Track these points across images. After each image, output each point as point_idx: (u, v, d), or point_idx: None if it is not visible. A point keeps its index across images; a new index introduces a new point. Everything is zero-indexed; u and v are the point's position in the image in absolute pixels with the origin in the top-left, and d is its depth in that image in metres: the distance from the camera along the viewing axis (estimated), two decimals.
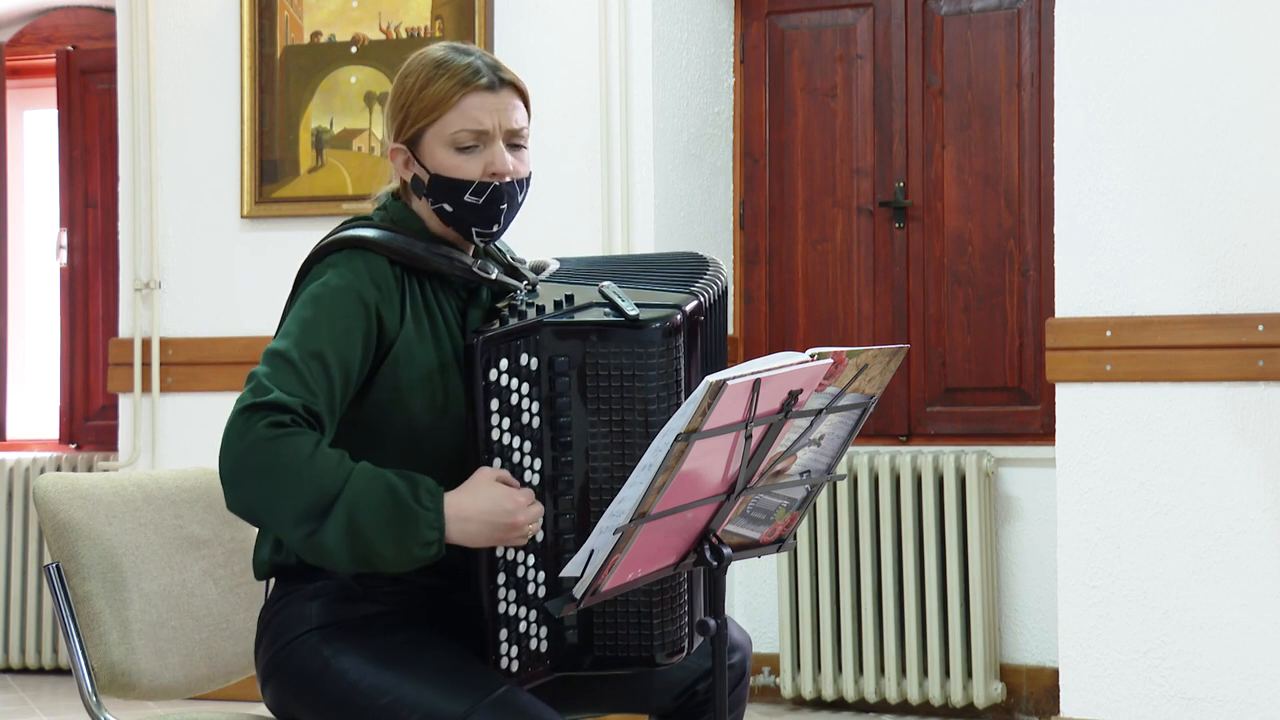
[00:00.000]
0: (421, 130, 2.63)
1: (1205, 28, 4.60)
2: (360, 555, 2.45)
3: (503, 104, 2.64)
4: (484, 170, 2.63)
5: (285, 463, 2.42)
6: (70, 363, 6.68)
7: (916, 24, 5.67)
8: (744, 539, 2.57)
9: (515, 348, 2.51)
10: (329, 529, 2.43)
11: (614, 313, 2.53)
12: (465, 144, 2.62)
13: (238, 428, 2.44)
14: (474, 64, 2.64)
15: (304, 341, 2.50)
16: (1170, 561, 4.62)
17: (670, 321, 2.52)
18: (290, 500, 2.43)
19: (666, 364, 2.52)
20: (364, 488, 2.44)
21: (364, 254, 2.59)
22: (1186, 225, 4.62)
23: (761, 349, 5.77)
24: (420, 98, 2.63)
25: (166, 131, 5.93)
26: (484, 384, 2.50)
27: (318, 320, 2.51)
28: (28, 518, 6.46)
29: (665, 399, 2.52)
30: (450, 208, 2.64)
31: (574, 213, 5.47)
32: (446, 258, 2.63)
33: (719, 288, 2.69)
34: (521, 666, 2.57)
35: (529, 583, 2.55)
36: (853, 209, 5.74)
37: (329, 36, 5.75)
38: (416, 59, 2.67)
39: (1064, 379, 4.74)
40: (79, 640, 2.72)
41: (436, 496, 2.48)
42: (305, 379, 2.47)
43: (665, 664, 2.60)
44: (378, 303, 2.55)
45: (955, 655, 5.36)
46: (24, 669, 6.50)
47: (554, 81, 5.53)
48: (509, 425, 2.52)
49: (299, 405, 2.45)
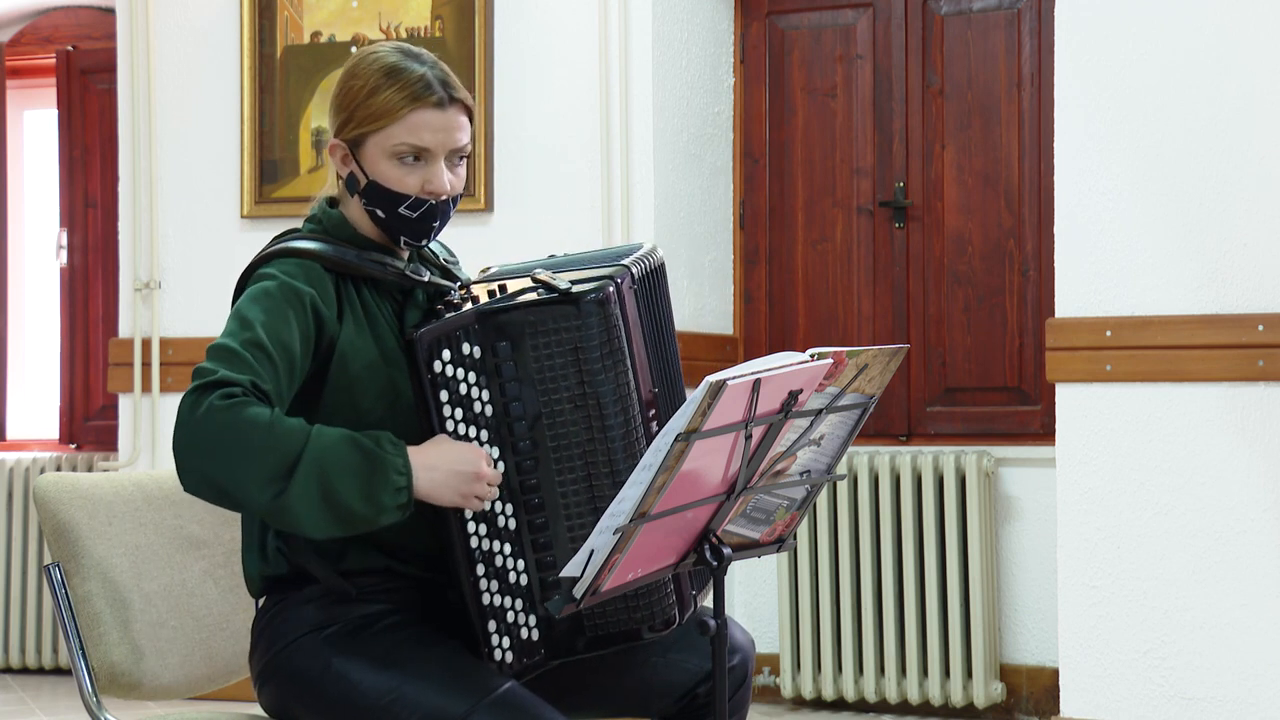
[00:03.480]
0: (364, 135, 2.62)
1: (1205, 28, 4.60)
2: (331, 511, 2.43)
3: (449, 123, 2.62)
4: (422, 186, 2.62)
5: (244, 428, 2.40)
6: (70, 363, 6.68)
7: (916, 24, 5.67)
8: (744, 539, 2.57)
9: (455, 338, 2.52)
10: (295, 488, 2.41)
11: (548, 291, 2.53)
12: (406, 157, 2.61)
13: (189, 405, 2.41)
14: (425, 77, 2.61)
15: (242, 333, 2.49)
16: (1170, 561, 4.62)
17: (604, 292, 2.52)
18: (253, 464, 2.40)
19: (606, 334, 2.52)
20: (327, 443, 2.44)
21: (297, 259, 2.59)
22: (1186, 225, 4.62)
23: (761, 349, 5.77)
24: (367, 104, 2.60)
25: (166, 131, 5.93)
26: (430, 377, 2.52)
27: (255, 315, 2.51)
28: (28, 518, 6.46)
29: (611, 368, 2.52)
30: (383, 214, 2.63)
31: (574, 213, 5.47)
32: (379, 263, 2.63)
33: (652, 263, 2.69)
34: (516, 657, 2.57)
35: (509, 571, 2.56)
36: (853, 209, 5.74)
37: (329, 36, 5.75)
38: (366, 61, 2.64)
39: (1064, 379, 4.74)
40: (79, 640, 2.72)
41: (400, 445, 2.49)
42: (249, 363, 2.46)
43: (652, 638, 2.61)
44: (314, 299, 2.55)
45: (955, 655, 5.36)
46: (24, 669, 6.50)
47: (554, 81, 5.53)
48: (462, 415, 2.53)
49: (247, 382, 2.44)
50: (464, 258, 2.90)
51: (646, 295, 2.65)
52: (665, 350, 2.70)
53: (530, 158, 5.55)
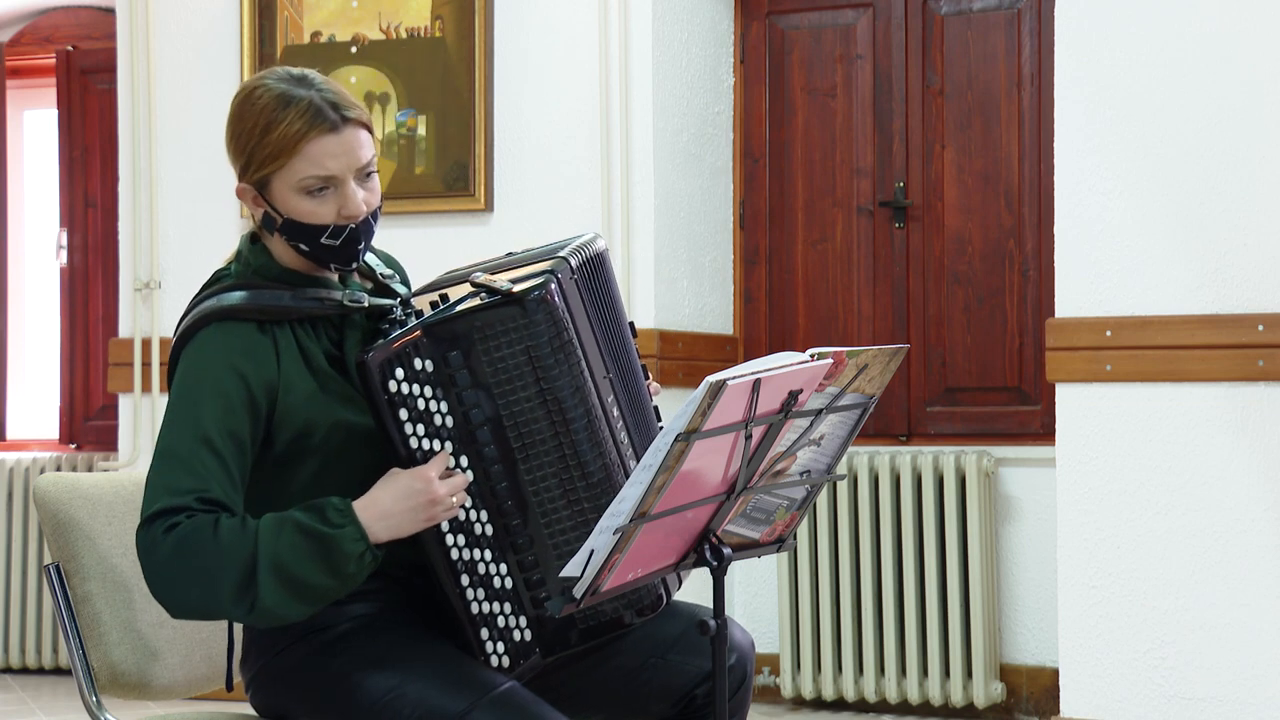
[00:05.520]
0: (268, 175, 2.56)
1: (1205, 27, 4.60)
2: (306, 598, 2.46)
3: (349, 144, 2.56)
4: (338, 214, 2.57)
5: (194, 555, 2.42)
6: (70, 363, 6.68)
7: (916, 24, 5.67)
8: (744, 539, 2.57)
9: (405, 355, 2.50)
10: (263, 591, 2.43)
11: (489, 295, 2.52)
12: (315, 188, 2.56)
13: (144, 547, 2.45)
14: (314, 103, 2.54)
15: (185, 431, 2.48)
16: (1170, 561, 4.62)
17: (545, 288, 2.52)
18: (217, 585, 2.43)
19: (553, 327, 2.52)
20: (274, 537, 2.44)
21: (225, 325, 2.56)
22: (1186, 225, 4.62)
23: (761, 349, 5.77)
24: (262, 144, 2.55)
25: (166, 131, 5.93)
26: (386, 397, 2.50)
27: (194, 406, 2.50)
28: (28, 518, 6.46)
29: (563, 361, 2.52)
30: (307, 248, 2.60)
31: (574, 213, 5.47)
32: (316, 299, 2.60)
33: (590, 251, 2.68)
34: (513, 661, 2.58)
35: (494, 577, 2.56)
36: (853, 209, 5.74)
37: (329, 36, 5.75)
38: (252, 98, 2.57)
39: (1064, 379, 4.74)
40: (79, 640, 2.72)
41: (345, 510, 2.47)
42: (194, 468, 2.46)
43: (636, 622, 2.62)
44: (251, 370, 2.53)
45: (955, 655, 5.36)
46: (24, 669, 6.51)
47: (554, 82, 5.53)
48: (424, 430, 2.52)
49: (190, 500, 2.45)
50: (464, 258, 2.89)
51: (588, 283, 2.64)
52: (615, 335, 2.69)
53: (530, 158, 5.55)
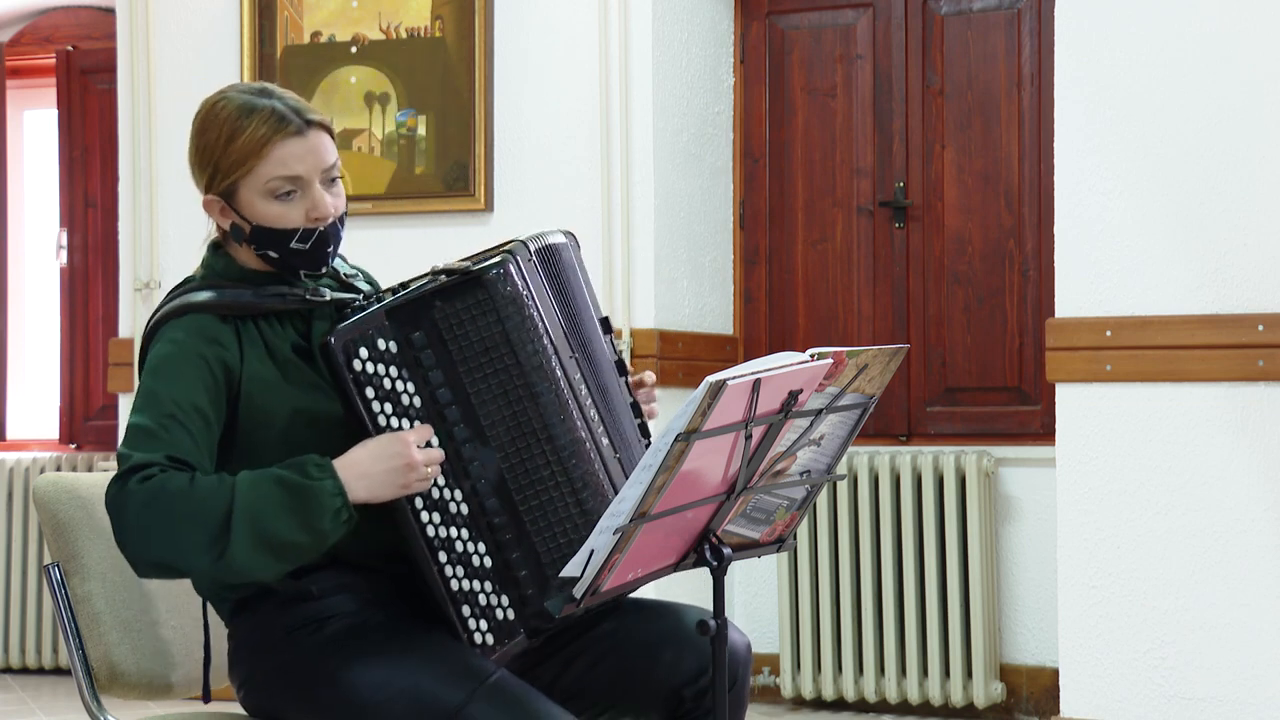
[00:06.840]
0: (235, 183, 2.62)
1: (1205, 27, 4.60)
2: (275, 553, 2.46)
3: (314, 146, 2.63)
4: (306, 216, 2.62)
5: (167, 502, 2.43)
6: (70, 363, 6.68)
7: (916, 24, 5.67)
8: (744, 539, 2.57)
9: (369, 336, 2.54)
10: (235, 543, 2.44)
11: (449, 276, 2.57)
12: (283, 191, 2.61)
13: (113, 496, 2.46)
14: (277, 109, 2.63)
15: (152, 408, 2.51)
16: (1170, 561, 4.62)
17: (502, 267, 2.56)
18: (186, 533, 2.43)
19: (513, 303, 2.56)
20: (252, 490, 2.46)
21: (190, 317, 2.59)
22: (1186, 225, 4.62)
23: (761, 349, 5.77)
24: (228, 152, 2.61)
25: (166, 131, 5.93)
26: (351, 375, 2.53)
27: (160, 385, 2.53)
28: (28, 518, 6.46)
29: (526, 338, 2.56)
30: (276, 254, 2.63)
31: (574, 213, 5.47)
32: (278, 296, 2.64)
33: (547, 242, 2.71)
34: (497, 639, 2.58)
35: (472, 555, 2.57)
36: (853, 209, 5.74)
37: (329, 36, 5.75)
38: (214, 110, 2.66)
39: (1064, 379, 4.74)
40: (79, 640, 2.72)
41: (325, 465, 2.50)
42: (162, 438, 2.49)
43: None
44: (215, 354, 2.56)
45: (955, 655, 5.36)
46: (24, 669, 6.51)
47: (554, 81, 5.53)
48: (392, 410, 2.55)
49: (161, 457, 2.47)
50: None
51: (548, 269, 2.68)
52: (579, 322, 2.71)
53: (530, 158, 5.55)
